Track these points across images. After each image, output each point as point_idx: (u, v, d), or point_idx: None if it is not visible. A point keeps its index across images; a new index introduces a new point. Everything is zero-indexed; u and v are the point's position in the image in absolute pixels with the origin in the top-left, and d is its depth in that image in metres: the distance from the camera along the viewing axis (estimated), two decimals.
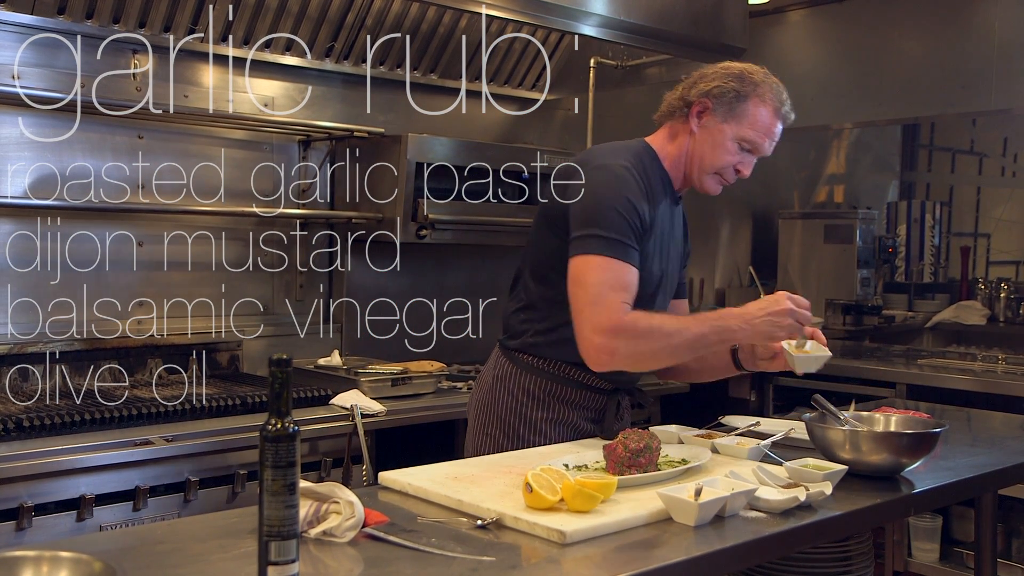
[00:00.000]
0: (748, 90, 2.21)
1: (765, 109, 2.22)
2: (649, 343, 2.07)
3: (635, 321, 2.06)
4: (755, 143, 2.23)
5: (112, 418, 2.58)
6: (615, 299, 2.06)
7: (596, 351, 2.08)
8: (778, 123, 2.26)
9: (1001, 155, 6.32)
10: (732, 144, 2.22)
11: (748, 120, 2.21)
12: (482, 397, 2.36)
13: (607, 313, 2.05)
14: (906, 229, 6.10)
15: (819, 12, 5.03)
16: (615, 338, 2.05)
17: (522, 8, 3.35)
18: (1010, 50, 4.38)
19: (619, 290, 2.08)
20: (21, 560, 1.35)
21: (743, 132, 2.22)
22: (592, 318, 2.06)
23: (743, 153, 2.24)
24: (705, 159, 2.24)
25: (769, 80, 2.25)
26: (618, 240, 2.09)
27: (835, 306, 5.42)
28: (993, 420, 2.89)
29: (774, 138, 2.26)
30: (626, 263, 2.10)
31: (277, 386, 1.34)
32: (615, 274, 2.08)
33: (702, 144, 2.24)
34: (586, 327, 2.08)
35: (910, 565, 3.88)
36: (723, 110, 2.21)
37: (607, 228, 2.09)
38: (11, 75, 2.91)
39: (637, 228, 2.13)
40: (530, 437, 2.26)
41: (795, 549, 2.04)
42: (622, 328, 2.05)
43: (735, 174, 2.27)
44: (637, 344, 2.07)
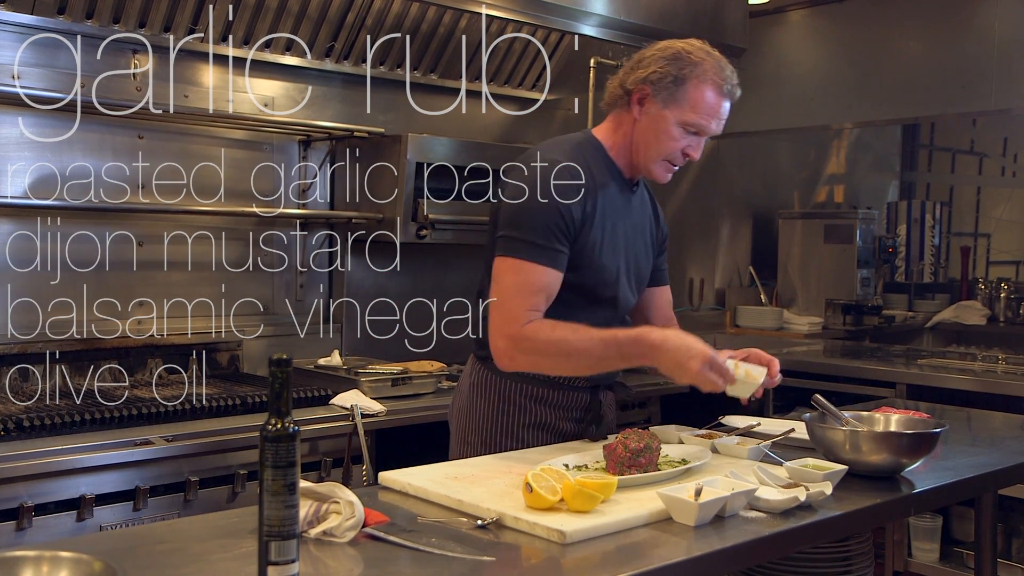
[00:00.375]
0: (687, 72, 2.12)
1: (707, 89, 2.13)
2: (547, 357, 2.08)
3: (535, 332, 2.05)
4: (699, 125, 2.15)
5: (112, 418, 2.58)
6: (520, 305, 2.06)
7: (498, 354, 2.10)
8: (723, 101, 2.16)
9: (1001, 155, 6.33)
10: (676, 129, 2.14)
11: (690, 103, 2.12)
12: (460, 405, 2.33)
13: (509, 320, 2.06)
14: (906, 229, 6.11)
15: (819, 12, 5.03)
16: (513, 346, 2.07)
17: (522, 8, 3.36)
18: (1010, 50, 4.38)
19: (527, 295, 2.06)
20: (21, 560, 1.35)
21: (686, 116, 2.13)
22: (496, 321, 2.09)
23: (689, 136, 2.16)
24: (650, 147, 2.18)
25: (711, 57, 2.15)
26: (534, 243, 2.07)
27: (835, 306, 5.43)
28: (993, 420, 2.89)
29: (720, 117, 2.17)
30: (543, 266, 2.07)
31: (277, 386, 1.34)
32: (526, 278, 2.07)
33: (645, 132, 2.17)
34: (492, 329, 2.10)
35: (910, 565, 3.88)
36: (663, 95, 2.13)
37: (526, 231, 2.07)
38: (11, 75, 2.91)
39: (562, 228, 2.09)
40: (510, 444, 2.22)
41: (795, 549, 2.04)
42: (521, 338, 2.05)
43: (684, 158, 2.20)
44: (535, 355, 2.08)
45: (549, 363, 2.11)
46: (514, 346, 2.07)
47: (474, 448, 2.25)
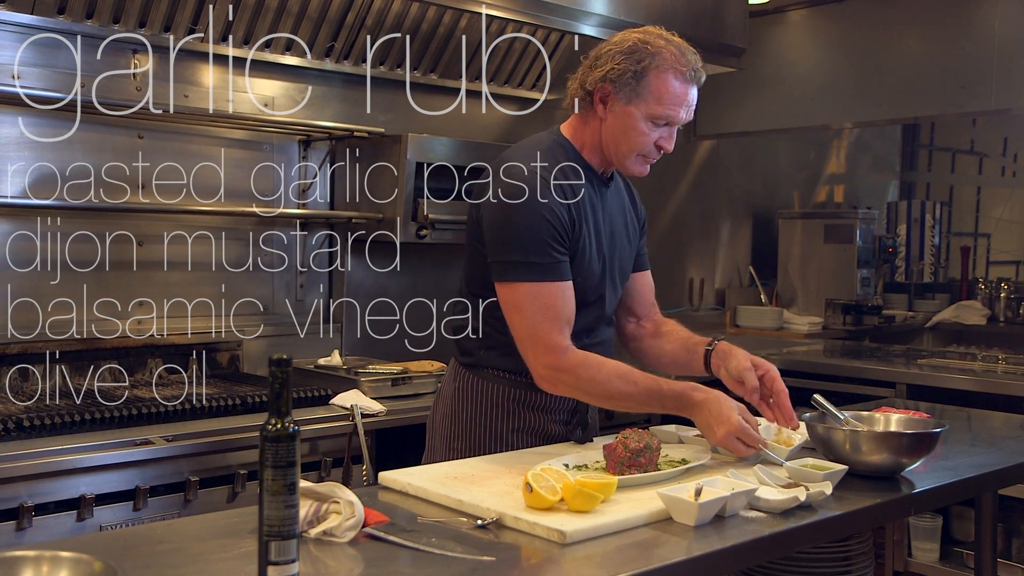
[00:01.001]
0: (646, 64, 2.07)
1: (669, 78, 2.07)
2: (588, 394, 2.09)
3: (577, 367, 2.04)
4: (668, 116, 2.09)
5: (112, 418, 2.58)
6: (551, 331, 2.04)
7: (541, 380, 2.09)
8: (688, 87, 2.10)
9: (1001, 155, 6.33)
10: (644, 124, 2.09)
11: (654, 96, 2.07)
12: (444, 411, 2.29)
13: (546, 350, 2.04)
14: (906, 229, 6.11)
15: (819, 12, 5.03)
16: (555, 376, 2.06)
17: (522, 8, 3.36)
18: (1010, 50, 4.38)
19: (552, 319, 2.04)
20: (21, 560, 1.35)
21: (652, 109, 2.08)
22: (534, 351, 2.06)
23: (660, 128, 2.11)
24: (620, 144, 2.13)
25: (670, 45, 2.10)
26: (537, 263, 2.04)
27: (835, 306, 5.43)
28: (993, 420, 2.88)
29: (688, 104, 2.12)
30: (554, 281, 2.05)
31: (277, 386, 1.34)
32: (545, 300, 2.05)
33: (613, 130, 2.12)
34: (530, 358, 2.08)
35: (910, 565, 3.89)
36: (625, 91, 2.08)
37: (524, 251, 2.04)
38: (11, 75, 2.91)
39: (558, 236, 2.06)
40: (497, 449, 2.20)
41: (795, 549, 2.04)
42: (563, 369, 2.05)
43: (658, 151, 2.15)
44: (577, 390, 2.09)
45: (589, 398, 2.12)
46: (556, 377, 2.06)
47: (460, 454, 2.22)
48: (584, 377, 2.05)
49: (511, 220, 2.06)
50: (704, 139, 5.34)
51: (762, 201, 5.81)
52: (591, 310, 2.22)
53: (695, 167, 5.35)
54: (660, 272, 5.37)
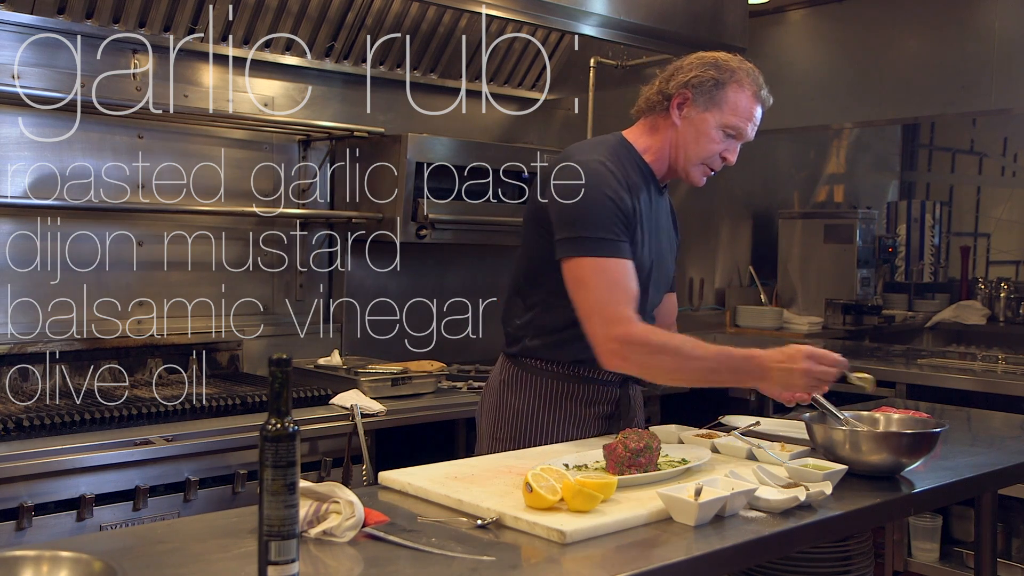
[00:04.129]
0: (726, 77, 2.22)
1: (744, 94, 2.23)
2: (661, 360, 2.08)
3: (648, 335, 2.08)
4: (738, 128, 2.23)
5: (112, 418, 2.58)
6: (619, 303, 2.08)
7: (609, 355, 2.10)
8: (757, 106, 2.26)
9: (1001, 155, 6.33)
10: (716, 132, 2.22)
11: (729, 106, 2.22)
12: (491, 403, 2.35)
13: (613, 321, 2.07)
14: (906, 229, 6.11)
15: (819, 12, 5.03)
16: (625, 347, 2.07)
17: (522, 8, 3.36)
18: (1010, 50, 4.38)
19: (620, 292, 2.09)
20: (21, 560, 1.35)
21: (726, 119, 2.22)
22: (603, 325, 2.08)
23: (728, 140, 2.25)
24: (691, 149, 2.25)
25: (744, 66, 2.26)
26: (605, 238, 2.10)
27: (835, 306, 5.43)
28: (993, 420, 2.88)
29: (755, 122, 2.27)
30: (619, 258, 2.11)
31: (277, 386, 1.34)
32: (612, 275, 2.10)
33: (686, 135, 2.24)
34: (598, 333, 2.09)
35: (910, 565, 3.89)
36: (703, 99, 2.22)
37: (593, 227, 2.10)
38: (11, 75, 2.91)
39: (622, 219, 2.14)
40: (540, 441, 2.25)
41: (795, 549, 2.04)
42: (633, 339, 2.06)
43: (721, 162, 2.27)
44: (650, 358, 2.08)
45: (662, 366, 2.10)
46: (626, 347, 2.07)
47: (503, 444, 2.28)
48: (655, 343, 2.07)
49: (580, 199, 2.13)
50: None
51: (762, 201, 5.80)
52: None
53: None
54: None
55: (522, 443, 2.26)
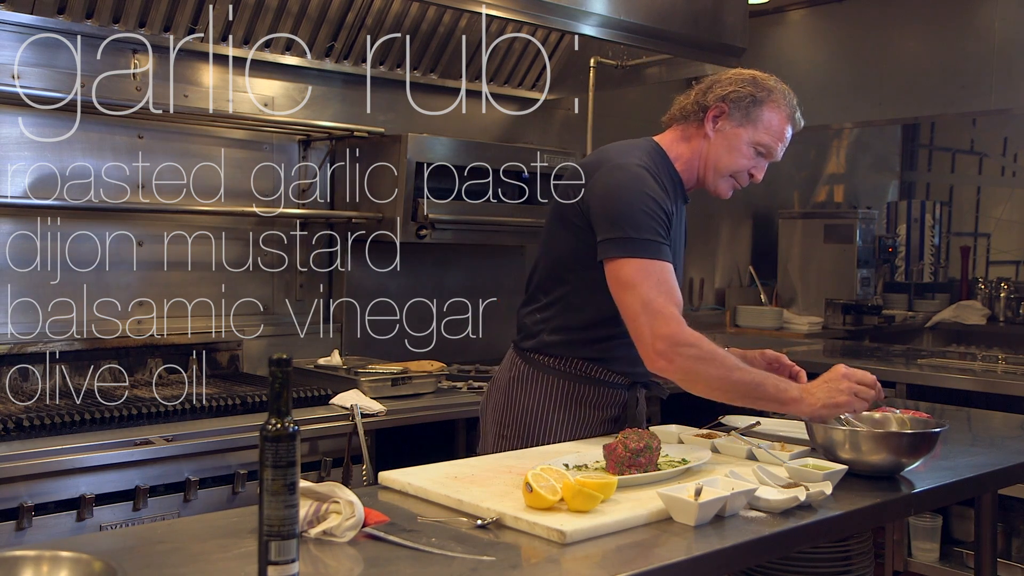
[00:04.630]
0: (763, 95, 2.26)
1: (779, 114, 2.27)
2: (708, 367, 2.04)
3: (699, 340, 2.06)
4: (769, 147, 2.27)
5: (112, 418, 2.58)
6: (668, 304, 2.07)
7: (656, 355, 2.06)
8: (789, 128, 2.30)
9: (1001, 155, 6.33)
10: (748, 148, 2.25)
11: (764, 124, 2.25)
12: (498, 400, 2.35)
13: (663, 321, 2.05)
14: (906, 229, 6.11)
15: (819, 12, 5.03)
16: (674, 348, 2.04)
17: (522, 8, 3.35)
18: (1010, 50, 4.38)
19: (669, 293, 2.09)
20: (21, 560, 1.35)
21: (759, 136, 2.25)
22: (651, 325, 2.05)
23: (758, 157, 2.28)
24: (721, 162, 2.27)
25: (780, 86, 2.31)
26: (650, 240, 2.10)
27: (835, 306, 5.43)
28: (993, 420, 2.88)
29: (785, 143, 2.30)
30: (663, 261, 2.12)
31: (277, 386, 1.34)
32: (658, 277, 2.09)
33: (718, 148, 2.26)
34: (645, 332, 2.06)
35: (910, 565, 3.89)
36: (739, 114, 2.25)
37: (638, 229, 2.10)
38: (11, 75, 2.91)
39: (664, 224, 2.15)
40: (549, 441, 2.26)
41: (795, 549, 2.04)
42: (683, 341, 2.04)
43: (748, 178, 2.30)
44: (697, 363, 2.04)
45: (707, 374, 2.05)
46: (675, 348, 2.04)
47: (509, 442, 2.28)
48: (706, 350, 2.04)
49: (624, 200, 2.13)
50: None
51: (762, 201, 5.80)
52: None
53: None
54: None
55: (528, 441, 2.26)
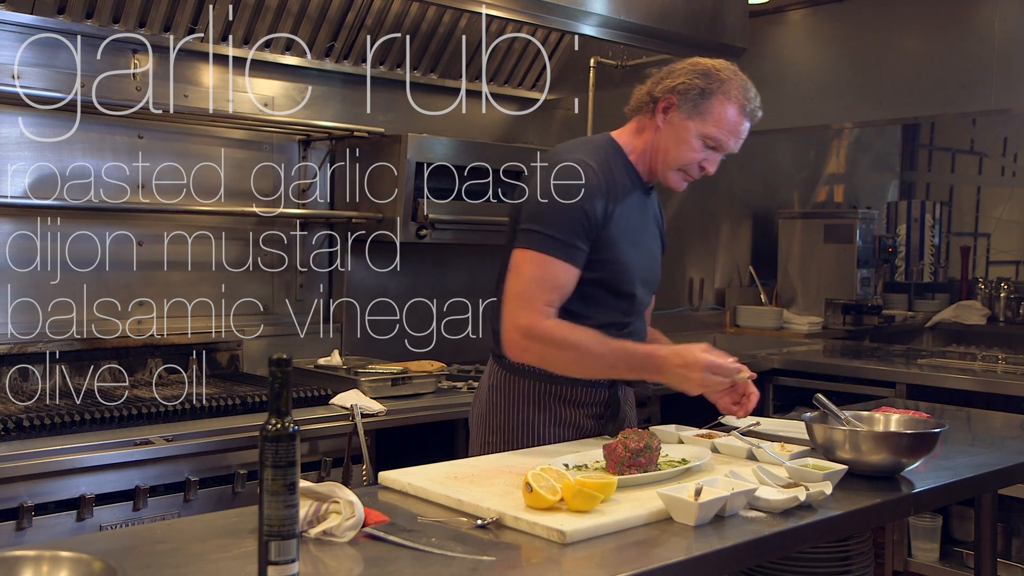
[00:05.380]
0: (714, 87, 2.20)
1: (730, 107, 2.21)
2: (559, 354, 2.13)
3: (552, 330, 2.12)
4: (719, 140, 2.22)
5: (112, 418, 2.58)
6: (538, 298, 2.12)
7: (510, 344, 2.16)
8: (744, 121, 2.24)
9: (1001, 155, 6.33)
10: (696, 141, 2.22)
11: (713, 117, 2.20)
12: (480, 408, 2.36)
13: (527, 313, 2.12)
14: (906, 229, 6.11)
15: (819, 12, 5.03)
16: (528, 339, 2.13)
17: (522, 8, 3.36)
18: (1010, 50, 4.38)
19: (545, 289, 2.12)
20: (21, 560, 1.35)
21: (707, 129, 2.21)
22: (511, 310, 2.14)
23: (707, 150, 2.24)
24: (669, 155, 2.25)
25: (737, 77, 2.24)
26: (559, 239, 2.13)
27: (835, 306, 5.43)
28: (993, 420, 2.89)
29: (740, 136, 2.25)
30: (562, 262, 2.13)
31: (277, 386, 1.34)
32: (545, 272, 2.13)
33: (667, 140, 2.24)
34: (507, 318, 2.15)
35: (910, 565, 3.89)
36: (688, 107, 2.21)
37: (548, 226, 2.13)
38: (11, 75, 2.91)
39: (585, 226, 2.15)
40: (531, 443, 2.26)
41: (795, 549, 2.04)
42: (536, 332, 2.12)
43: (700, 171, 2.27)
44: (548, 351, 2.14)
45: (559, 359, 2.15)
46: (527, 336, 2.12)
47: (495, 448, 2.28)
48: (557, 335, 2.11)
49: (549, 199, 2.15)
50: None
51: (762, 201, 5.80)
52: (623, 302, 2.30)
53: None
54: None
55: (513, 446, 2.26)
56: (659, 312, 5.05)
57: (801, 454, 2.08)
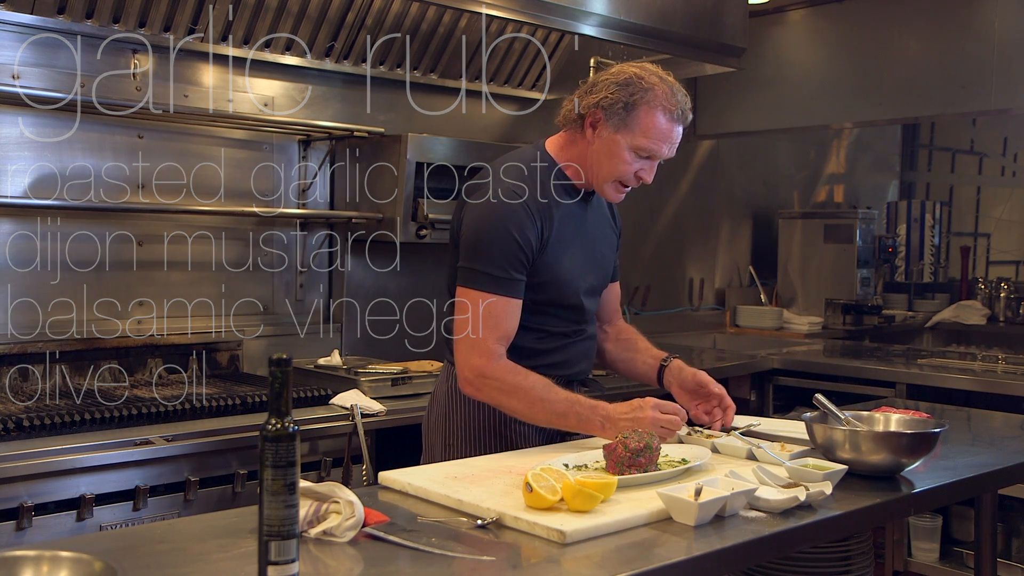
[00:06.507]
0: (637, 97, 2.17)
1: (658, 115, 2.17)
2: (509, 399, 2.15)
3: (504, 373, 2.14)
4: (651, 150, 2.19)
5: (112, 418, 2.58)
6: (487, 337, 2.14)
7: (465, 383, 2.19)
8: (675, 126, 2.20)
9: (1001, 155, 6.33)
10: (628, 154, 2.19)
11: (640, 128, 2.17)
12: (438, 413, 2.35)
13: (477, 352, 2.15)
14: (906, 229, 6.11)
15: (819, 12, 5.03)
16: (480, 378, 2.15)
17: (522, 8, 3.35)
18: (1010, 50, 4.38)
19: (492, 327, 2.15)
20: (21, 560, 1.35)
21: (637, 141, 2.18)
22: (466, 353, 2.17)
23: (641, 160, 2.21)
24: (603, 168, 2.23)
25: (663, 83, 2.20)
26: (497, 276, 2.14)
27: (835, 306, 5.43)
28: (993, 420, 2.89)
29: (673, 142, 2.22)
30: (505, 297, 2.15)
31: (277, 386, 1.34)
32: (490, 311, 2.15)
33: (598, 154, 2.22)
34: (460, 359, 2.19)
35: (910, 565, 3.89)
36: (615, 120, 2.18)
37: (488, 264, 2.15)
38: (11, 75, 2.91)
39: (520, 258, 2.16)
40: (495, 442, 2.26)
41: (795, 549, 2.04)
42: (489, 372, 2.14)
43: (637, 180, 2.25)
44: (499, 395, 2.16)
45: (510, 404, 2.17)
46: (481, 379, 2.15)
47: (457, 451, 2.28)
48: (510, 382, 2.13)
49: (483, 235, 2.18)
50: (704, 139, 5.34)
51: (762, 201, 5.81)
52: (569, 312, 2.31)
53: (695, 167, 5.35)
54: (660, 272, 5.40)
55: (475, 447, 2.27)
56: (659, 312, 5.10)
57: (801, 454, 2.08)
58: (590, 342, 2.39)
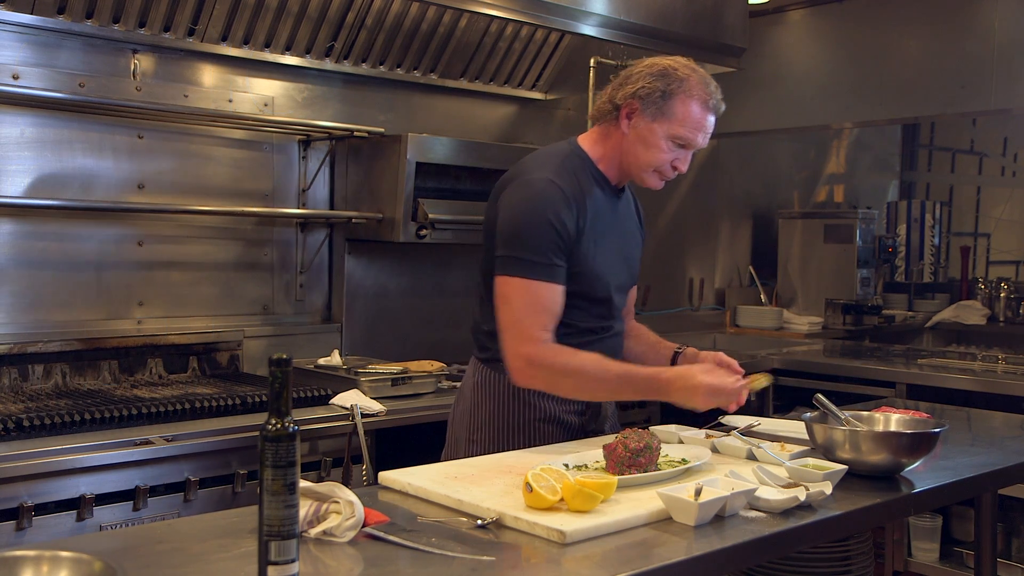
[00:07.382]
0: (674, 87, 2.20)
1: (693, 104, 2.21)
2: (563, 380, 2.16)
3: (554, 356, 2.13)
4: (687, 139, 2.23)
5: (112, 418, 2.58)
6: (533, 324, 2.14)
7: (515, 372, 2.18)
8: (709, 115, 2.24)
9: (1001, 155, 6.33)
10: (664, 143, 2.22)
11: (677, 117, 2.21)
12: (464, 407, 2.38)
13: (524, 340, 2.14)
14: (906, 229, 6.11)
15: (819, 12, 5.03)
16: (530, 365, 2.15)
17: (522, 8, 3.36)
18: (1010, 50, 4.39)
19: (537, 313, 2.14)
20: (21, 560, 1.35)
21: (674, 130, 2.21)
22: (513, 342, 2.16)
23: (677, 149, 2.24)
24: (640, 158, 2.25)
25: (696, 74, 2.23)
26: (538, 261, 2.14)
27: (835, 306, 5.43)
28: (993, 420, 2.89)
29: (707, 131, 2.26)
30: (548, 282, 2.15)
31: (277, 386, 1.34)
32: (535, 297, 2.15)
33: (635, 144, 2.25)
34: (509, 350, 2.17)
35: (910, 565, 3.89)
36: (651, 110, 2.21)
37: (528, 249, 2.15)
38: (11, 75, 2.91)
39: (559, 244, 2.16)
40: (518, 439, 2.28)
41: (795, 549, 2.04)
42: (538, 359, 2.13)
43: (673, 170, 2.28)
44: (552, 377, 2.16)
45: (565, 385, 2.18)
46: (531, 365, 2.14)
47: (482, 446, 2.29)
48: (559, 363, 2.13)
49: (521, 221, 2.18)
50: None
51: (762, 201, 5.81)
52: (600, 307, 2.31)
53: (695, 167, 5.33)
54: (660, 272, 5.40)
55: (500, 442, 2.28)
56: (659, 312, 5.09)
57: (801, 454, 2.08)
58: (617, 339, 2.39)
